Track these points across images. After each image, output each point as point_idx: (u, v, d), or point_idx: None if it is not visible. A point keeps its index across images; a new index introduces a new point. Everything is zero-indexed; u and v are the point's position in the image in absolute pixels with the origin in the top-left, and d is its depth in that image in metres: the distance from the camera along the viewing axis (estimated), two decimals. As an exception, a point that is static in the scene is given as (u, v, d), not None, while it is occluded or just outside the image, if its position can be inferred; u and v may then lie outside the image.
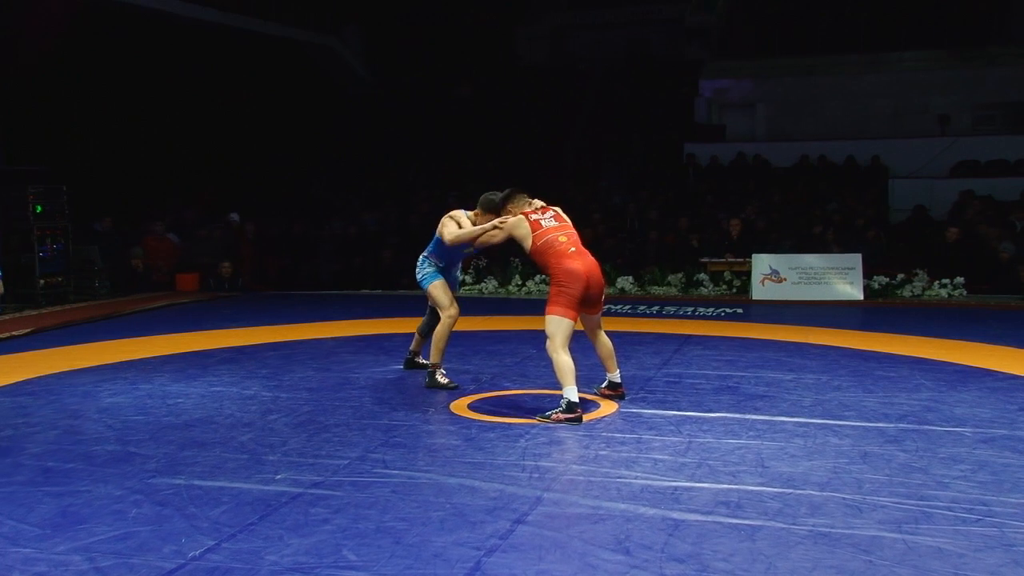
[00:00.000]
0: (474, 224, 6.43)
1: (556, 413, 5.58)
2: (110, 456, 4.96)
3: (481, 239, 6.29)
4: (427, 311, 7.07)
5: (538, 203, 6.19)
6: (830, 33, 20.38)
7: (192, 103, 17.37)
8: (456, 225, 6.47)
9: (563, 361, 5.62)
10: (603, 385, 6.31)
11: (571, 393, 5.57)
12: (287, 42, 19.47)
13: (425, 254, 6.83)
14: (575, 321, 5.77)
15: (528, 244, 5.92)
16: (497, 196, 6.30)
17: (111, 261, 13.53)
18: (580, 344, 6.45)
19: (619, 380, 6.24)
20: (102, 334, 9.65)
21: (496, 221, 6.20)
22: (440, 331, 6.68)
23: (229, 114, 17.94)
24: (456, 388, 6.59)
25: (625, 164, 18.90)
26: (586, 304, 5.85)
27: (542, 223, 5.94)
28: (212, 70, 17.73)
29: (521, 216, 6.03)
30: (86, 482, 4.51)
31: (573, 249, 5.85)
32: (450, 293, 6.75)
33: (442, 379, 6.66)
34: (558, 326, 5.68)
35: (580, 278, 5.72)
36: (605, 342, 6.16)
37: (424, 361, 7.12)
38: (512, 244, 6.19)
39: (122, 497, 4.27)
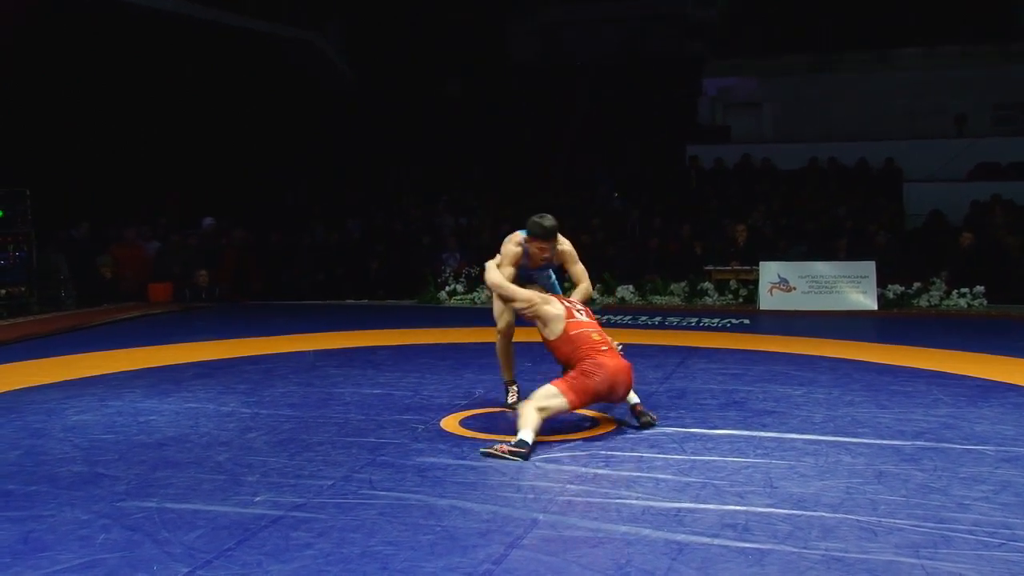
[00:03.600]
0: (524, 250, 6.15)
1: (503, 446, 5.25)
2: (76, 478, 4.94)
3: (508, 301, 6.07)
4: None
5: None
6: (841, 28, 20.44)
7: (162, 102, 17.34)
8: (503, 260, 6.19)
9: (532, 417, 5.32)
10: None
11: (527, 435, 5.25)
12: (264, 37, 19.44)
13: None
14: (572, 411, 5.63)
15: (559, 327, 5.73)
16: (548, 222, 6.01)
17: (81, 270, 13.47)
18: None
19: (636, 400, 6.01)
20: (68, 347, 9.62)
21: (527, 300, 5.88)
22: (498, 348, 6.50)
23: (201, 114, 17.91)
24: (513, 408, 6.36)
25: (623, 167, 18.95)
26: (605, 400, 5.74)
27: (575, 314, 5.85)
28: (182, 67, 17.69)
29: (556, 300, 5.91)
30: (50, 506, 4.48)
31: (606, 348, 5.72)
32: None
33: (512, 398, 6.46)
34: (551, 400, 5.42)
35: (608, 373, 5.55)
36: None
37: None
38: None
39: (89, 522, 4.24)
